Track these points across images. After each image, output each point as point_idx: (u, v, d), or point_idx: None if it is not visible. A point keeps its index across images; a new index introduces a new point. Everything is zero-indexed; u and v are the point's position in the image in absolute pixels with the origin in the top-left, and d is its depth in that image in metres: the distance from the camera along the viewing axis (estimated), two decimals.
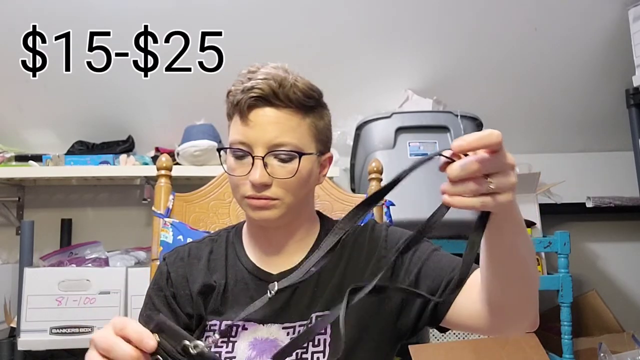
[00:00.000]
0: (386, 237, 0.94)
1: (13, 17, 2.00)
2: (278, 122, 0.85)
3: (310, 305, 0.89)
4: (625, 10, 2.00)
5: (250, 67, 0.89)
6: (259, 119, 0.85)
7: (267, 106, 0.85)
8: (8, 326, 2.09)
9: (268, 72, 0.85)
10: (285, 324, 0.89)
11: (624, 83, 2.04)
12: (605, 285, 2.37)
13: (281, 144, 0.85)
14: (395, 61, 2.20)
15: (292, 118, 0.86)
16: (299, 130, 0.86)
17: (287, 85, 0.85)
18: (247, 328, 0.89)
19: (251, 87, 0.85)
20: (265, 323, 0.89)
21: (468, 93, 2.26)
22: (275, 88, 0.84)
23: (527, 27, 2.10)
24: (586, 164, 2.45)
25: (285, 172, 0.86)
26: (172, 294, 0.95)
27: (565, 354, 1.86)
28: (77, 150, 2.21)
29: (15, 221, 2.35)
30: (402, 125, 1.93)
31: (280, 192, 0.86)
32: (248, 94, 0.85)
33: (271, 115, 0.85)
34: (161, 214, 1.27)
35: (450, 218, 0.73)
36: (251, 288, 0.92)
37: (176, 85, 2.19)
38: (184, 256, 0.97)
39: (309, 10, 2.04)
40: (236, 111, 0.87)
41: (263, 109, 0.85)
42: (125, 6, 1.99)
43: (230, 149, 0.88)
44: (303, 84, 0.86)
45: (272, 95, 0.84)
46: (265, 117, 0.85)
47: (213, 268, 0.95)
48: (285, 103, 0.85)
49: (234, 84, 0.89)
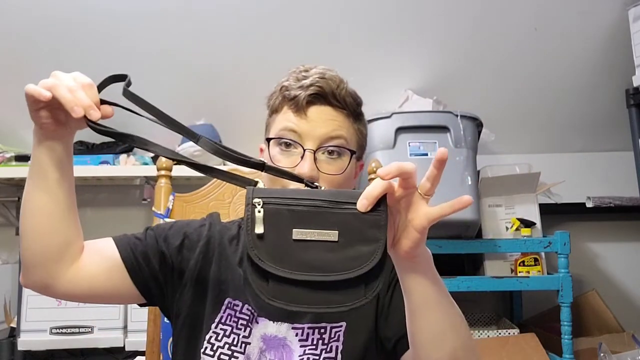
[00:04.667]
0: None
1: (13, 17, 2.00)
2: (334, 119, 0.88)
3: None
4: (625, 10, 2.00)
5: (303, 66, 0.91)
6: (315, 115, 0.87)
7: (324, 104, 0.88)
8: (8, 326, 2.09)
9: (324, 73, 0.89)
10: (295, 324, 0.88)
11: (624, 83, 2.04)
12: (605, 285, 2.37)
13: (336, 136, 0.87)
14: (395, 61, 2.20)
15: (346, 119, 0.89)
16: (350, 131, 0.90)
17: (343, 89, 0.89)
18: (258, 322, 0.88)
19: (310, 84, 0.87)
20: (276, 320, 0.88)
21: (468, 93, 2.26)
22: (334, 88, 0.88)
23: (527, 27, 2.10)
24: (586, 164, 2.45)
25: (334, 168, 0.87)
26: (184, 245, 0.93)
27: (565, 354, 1.86)
28: (77, 150, 2.21)
29: (15, 221, 2.35)
30: (402, 125, 1.93)
31: (326, 183, 0.85)
32: (307, 91, 0.87)
33: (328, 113, 0.88)
34: (161, 214, 1.28)
35: (451, 218, 0.73)
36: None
37: (176, 85, 2.19)
38: (219, 228, 0.97)
39: (308, 10, 2.04)
40: (291, 105, 0.88)
41: (320, 107, 0.88)
42: (126, 6, 1.99)
43: (279, 138, 0.88)
44: (354, 92, 0.91)
45: (331, 94, 0.87)
46: (322, 113, 0.88)
47: (234, 251, 0.94)
48: (341, 104, 0.89)
49: (288, 80, 0.90)
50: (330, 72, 0.89)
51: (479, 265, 2.13)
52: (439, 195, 0.70)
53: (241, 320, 0.89)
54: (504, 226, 2.08)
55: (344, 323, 0.87)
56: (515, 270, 2.02)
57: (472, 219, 1.86)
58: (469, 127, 1.95)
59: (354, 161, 0.91)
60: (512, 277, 1.95)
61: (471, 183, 1.88)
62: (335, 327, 0.87)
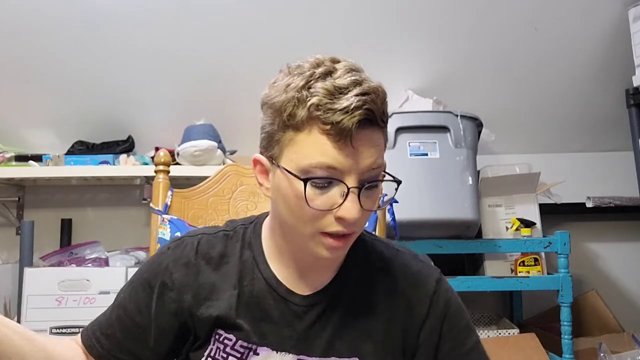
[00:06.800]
0: (433, 297, 0.80)
1: (13, 17, 2.00)
2: (378, 144, 0.71)
3: (334, 340, 0.78)
4: (625, 10, 2.00)
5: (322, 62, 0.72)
6: (361, 144, 0.69)
7: (370, 128, 0.70)
8: None
9: (363, 84, 0.69)
10: (301, 355, 0.77)
11: (624, 83, 2.04)
12: (605, 285, 2.37)
13: (378, 166, 0.71)
14: (395, 61, 2.20)
15: (383, 136, 0.73)
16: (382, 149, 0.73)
17: (385, 101, 0.71)
18: (258, 353, 0.78)
19: (356, 107, 0.67)
20: (280, 351, 0.77)
21: (468, 93, 2.25)
22: (381, 107, 0.70)
23: (527, 27, 2.10)
24: (586, 164, 2.45)
25: (372, 202, 0.73)
26: (160, 294, 0.81)
27: (565, 354, 1.86)
28: (77, 150, 2.21)
29: (15, 221, 2.35)
30: (402, 125, 1.93)
31: (362, 224, 0.73)
32: (353, 117, 0.67)
33: (375, 138, 0.70)
34: (159, 211, 1.25)
35: (451, 218, 0.73)
36: (268, 304, 0.79)
37: (176, 85, 2.19)
38: (191, 256, 0.82)
39: (308, 10, 2.04)
40: (329, 130, 0.68)
41: (367, 132, 0.69)
42: (126, 6, 1.99)
43: (317, 178, 0.69)
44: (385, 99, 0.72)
45: (380, 116, 0.70)
46: (368, 140, 0.70)
47: (225, 273, 0.81)
48: (385, 123, 0.72)
49: (315, 90, 0.69)
50: (368, 82, 0.70)
51: (479, 265, 2.13)
52: (441, 196, 0.70)
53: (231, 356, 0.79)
54: (504, 226, 2.08)
55: (355, 359, 0.78)
56: (515, 270, 2.02)
57: (472, 219, 1.86)
58: (469, 127, 1.95)
59: None
60: (512, 277, 1.95)
61: (471, 183, 1.87)
62: None
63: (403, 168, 1.88)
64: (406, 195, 1.45)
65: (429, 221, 1.84)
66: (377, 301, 0.80)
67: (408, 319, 0.80)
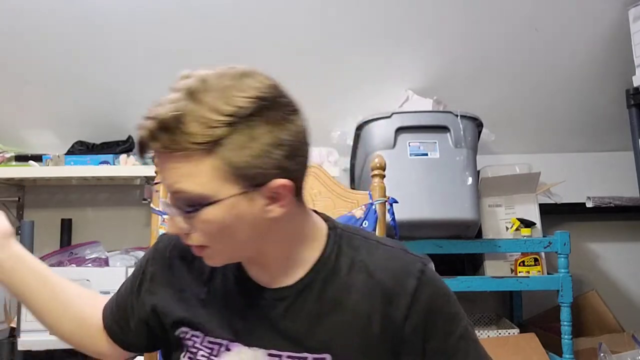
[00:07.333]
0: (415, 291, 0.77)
1: (13, 17, 2.00)
2: (172, 168, 0.68)
3: (304, 335, 0.77)
4: (625, 10, 2.00)
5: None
6: (156, 160, 0.71)
7: (163, 150, 0.68)
8: (8, 326, 2.09)
9: (158, 107, 0.68)
10: (271, 350, 0.77)
11: (624, 83, 2.04)
12: (605, 285, 2.37)
13: (176, 191, 0.70)
14: (395, 61, 2.20)
15: (187, 161, 0.67)
16: (200, 174, 0.67)
17: (174, 127, 0.66)
18: (230, 349, 0.78)
19: (140, 126, 0.69)
20: (252, 346, 0.77)
21: (468, 93, 2.26)
22: (156, 132, 0.67)
23: (527, 27, 2.10)
24: (586, 164, 2.45)
25: (191, 224, 0.72)
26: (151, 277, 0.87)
27: (565, 354, 1.86)
28: (77, 150, 2.21)
29: (15, 221, 2.35)
30: (402, 125, 1.93)
31: (204, 240, 0.73)
32: (139, 132, 0.69)
33: (166, 162, 0.69)
34: (159, 211, 1.26)
35: (451, 218, 0.73)
36: (239, 300, 0.80)
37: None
38: (166, 252, 0.87)
39: (308, 10, 2.04)
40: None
41: (159, 153, 0.69)
42: (127, 6, 1.99)
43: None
44: (203, 115, 0.65)
45: (154, 141, 0.68)
46: (160, 162, 0.70)
47: (197, 269, 0.84)
48: (177, 147, 0.66)
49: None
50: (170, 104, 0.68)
51: (479, 265, 2.13)
52: (441, 196, 0.70)
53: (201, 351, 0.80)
54: (504, 226, 2.08)
55: (327, 356, 0.76)
56: (515, 270, 2.02)
57: (472, 219, 1.86)
58: (469, 127, 1.95)
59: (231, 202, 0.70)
60: (512, 277, 1.95)
61: (471, 183, 1.87)
62: (317, 358, 0.76)
63: (403, 168, 1.88)
64: (406, 195, 1.45)
65: (429, 221, 1.84)
66: (352, 297, 0.77)
67: (389, 315, 0.76)
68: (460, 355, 0.78)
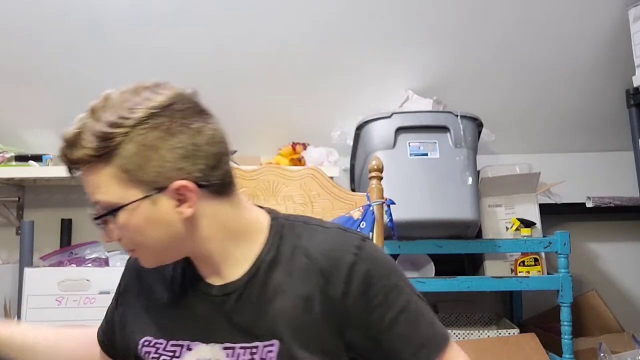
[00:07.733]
0: (350, 268, 0.78)
1: (13, 17, 2.00)
2: (92, 183, 0.76)
3: (253, 325, 0.79)
4: (625, 10, 2.00)
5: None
6: (82, 179, 0.78)
7: (68, 166, 0.78)
8: None
9: (69, 127, 0.76)
10: (226, 343, 0.79)
11: (624, 83, 2.04)
12: (605, 285, 2.37)
13: (96, 202, 0.77)
14: (396, 61, 2.20)
15: (100, 174, 0.75)
16: (104, 184, 0.75)
17: (76, 143, 0.74)
18: (191, 349, 0.81)
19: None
20: (209, 342, 0.81)
21: (468, 93, 2.25)
22: (64, 150, 0.76)
23: (527, 27, 2.10)
24: (586, 164, 2.45)
25: (117, 231, 0.80)
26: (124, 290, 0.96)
27: (565, 354, 1.86)
28: None
29: (15, 221, 2.35)
30: (402, 125, 1.93)
31: (130, 244, 0.82)
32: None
33: (86, 176, 0.77)
34: None
35: (451, 218, 0.73)
36: (195, 301, 0.84)
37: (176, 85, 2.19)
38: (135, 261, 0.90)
39: (308, 11, 2.04)
40: None
41: (82, 171, 0.78)
42: (126, 5, 1.99)
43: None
44: (99, 129, 0.73)
45: (64, 158, 0.77)
46: (83, 177, 0.78)
47: (162, 276, 0.89)
48: (81, 161, 0.75)
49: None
50: (77, 125, 0.77)
51: (479, 265, 2.13)
52: (441, 196, 0.70)
53: (163, 356, 0.83)
54: (504, 226, 2.08)
55: (275, 342, 0.77)
56: (515, 270, 2.02)
57: (472, 219, 1.86)
58: (469, 127, 1.95)
59: (135, 206, 0.76)
60: (512, 277, 1.95)
61: (471, 183, 1.87)
62: (267, 345, 0.77)
63: (403, 168, 1.88)
64: (406, 195, 1.46)
65: (429, 221, 1.84)
66: (293, 281, 0.79)
67: (328, 293, 0.77)
68: (398, 328, 0.78)
